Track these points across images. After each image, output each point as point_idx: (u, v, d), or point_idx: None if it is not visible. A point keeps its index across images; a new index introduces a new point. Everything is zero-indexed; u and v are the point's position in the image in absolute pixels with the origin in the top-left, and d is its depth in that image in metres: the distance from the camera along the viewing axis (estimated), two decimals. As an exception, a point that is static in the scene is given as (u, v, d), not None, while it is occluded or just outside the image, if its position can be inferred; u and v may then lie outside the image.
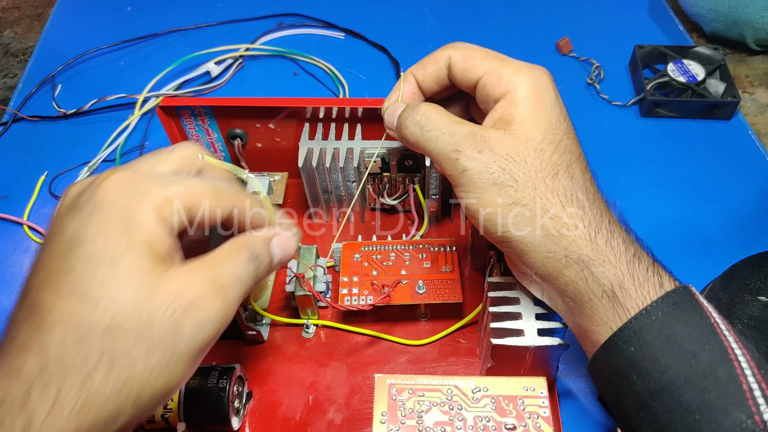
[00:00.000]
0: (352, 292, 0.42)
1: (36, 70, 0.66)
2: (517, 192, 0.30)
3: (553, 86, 0.33)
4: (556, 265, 0.30)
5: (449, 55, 0.34)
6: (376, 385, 0.35)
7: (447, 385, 0.35)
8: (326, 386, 0.41)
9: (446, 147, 0.31)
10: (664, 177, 0.54)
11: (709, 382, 0.26)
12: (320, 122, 0.46)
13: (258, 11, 0.71)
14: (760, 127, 0.61)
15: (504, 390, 0.35)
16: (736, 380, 0.26)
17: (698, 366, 0.26)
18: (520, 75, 0.32)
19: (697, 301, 0.28)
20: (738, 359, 0.26)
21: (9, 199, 0.54)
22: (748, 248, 0.44)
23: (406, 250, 0.44)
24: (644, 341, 0.28)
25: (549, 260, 0.30)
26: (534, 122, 0.31)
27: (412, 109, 0.33)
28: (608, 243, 0.30)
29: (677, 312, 0.28)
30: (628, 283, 0.29)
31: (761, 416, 0.25)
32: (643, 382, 0.27)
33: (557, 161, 0.30)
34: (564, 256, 0.30)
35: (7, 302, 0.47)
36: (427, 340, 0.42)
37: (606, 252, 0.29)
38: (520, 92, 0.31)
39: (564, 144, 0.31)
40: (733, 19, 0.66)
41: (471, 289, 0.45)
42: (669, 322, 0.27)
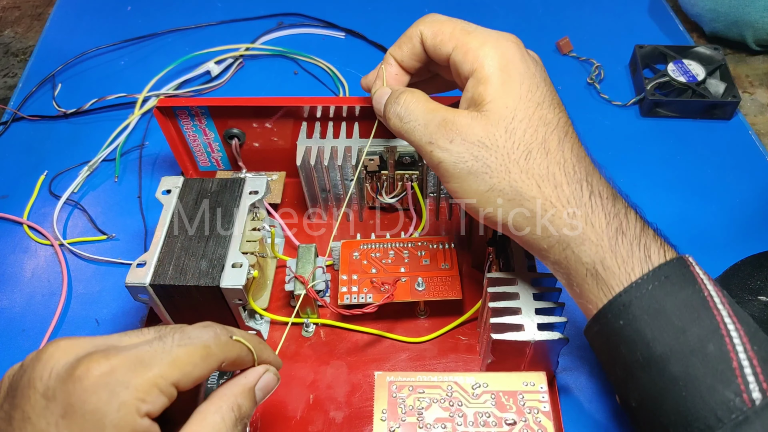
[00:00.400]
0: (351, 290, 0.42)
1: (36, 70, 0.66)
2: (492, 178, 0.30)
3: (522, 54, 0.31)
4: (540, 244, 0.30)
5: (420, 32, 0.34)
6: (376, 383, 0.35)
7: (447, 381, 0.35)
8: (327, 385, 0.41)
9: (422, 139, 0.31)
10: (664, 177, 0.54)
11: (697, 359, 0.26)
12: (318, 121, 0.46)
13: (258, 11, 0.71)
14: (760, 127, 0.61)
15: (504, 385, 0.35)
16: (726, 357, 0.25)
17: (686, 341, 0.26)
18: (486, 48, 0.31)
19: (691, 273, 0.28)
20: (730, 334, 0.26)
21: (9, 198, 0.54)
22: (748, 248, 0.44)
23: (404, 248, 0.44)
24: (633, 315, 0.27)
25: (534, 241, 0.30)
26: (503, 99, 0.30)
27: (394, 100, 0.33)
28: (588, 220, 0.29)
29: (668, 285, 0.27)
30: (610, 261, 0.28)
31: (750, 394, 0.25)
32: (631, 354, 0.28)
33: (530, 138, 0.30)
34: (546, 237, 0.30)
35: (7, 302, 0.47)
36: (427, 337, 0.42)
37: (586, 230, 0.29)
38: (487, 68, 0.31)
39: (538, 116, 0.30)
40: (733, 19, 0.66)
41: (470, 286, 0.45)
42: (658, 295, 0.27)
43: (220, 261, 0.38)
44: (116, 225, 0.52)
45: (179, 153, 0.51)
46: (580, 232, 0.29)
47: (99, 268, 0.49)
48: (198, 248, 0.39)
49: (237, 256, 0.38)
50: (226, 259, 0.38)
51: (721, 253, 0.47)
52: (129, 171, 0.56)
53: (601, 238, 0.29)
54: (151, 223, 0.51)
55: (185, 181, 0.42)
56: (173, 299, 0.39)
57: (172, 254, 0.38)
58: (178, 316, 0.40)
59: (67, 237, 0.51)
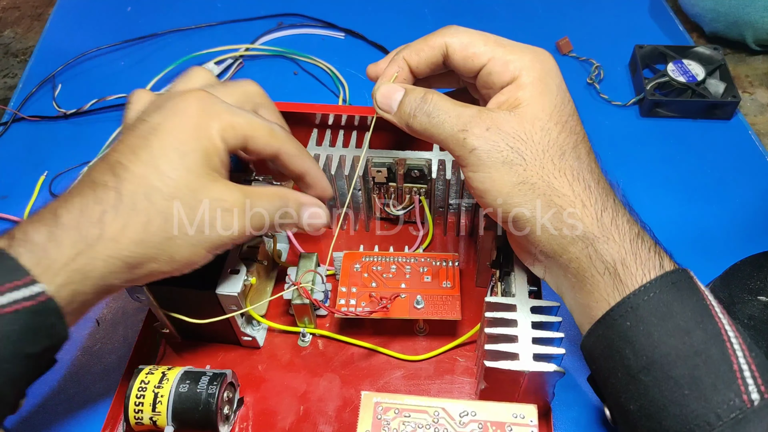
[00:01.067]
0: (349, 303, 0.41)
1: (36, 70, 0.66)
2: (526, 171, 0.30)
3: (557, 69, 0.33)
4: (561, 242, 0.31)
5: (446, 43, 0.34)
6: (362, 403, 0.34)
7: (434, 406, 0.34)
8: (318, 397, 0.40)
9: (453, 128, 0.31)
10: (664, 177, 0.54)
11: (701, 359, 0.27)
12: (329, 129, 0.46)
13: (258, 11, 0.71)
14: (760, 127, 0.61)
15: (493, 416, 0.34)
16: (728, 359, 0.27)
17: (691, 343, 0.27)
18: (525, 60, 0.32)
19: (694, 283, 0.29)
20: (731, 340, 0.27)
21: (9, 198, 0.54)
22: (748, 248, 0.44)
23: (407, 263, 0.43)
24: (640, 317, 0.28)
25: (555, 238, 0.31)
26: (540, 104, 0.31)
27: (420, 99, 0.33)
28: (613, 221, 0.30)
29: (675, 291, 0.28)
30: (630, 261, 0.29)
31: (749, 395, 0.26)
32: (635, 356, 0.28)
33: (564, 141, 0.31)
34: (570, 234, 0.30)
35: (7, 302, 0.47)
36: (424, 356, 0.42)
37: (611, 230, 0.30)
38: (525, 77, 0.32)
39: (570, 125, 0.32)
40: (733, 19, 0.66)
41: (472, 307, 0.44)
42: (666, 299, 0.28)
43: (218, 266, 0.38)
44: (116, 225, 0.52)
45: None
46: (605, 231, 0.30)
47: (99, 269, 0.49)
48: (198, 249, 0.38)
49: (235, 262, 0.38)
50: (225, 264, 0.38)
51: (721, 253, 0.47)
52: (129, 171, 0.56)
53: (624, 239, 0.30)
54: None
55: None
56: (170, 301, 0.38)
57: (171, 254, 0.38)
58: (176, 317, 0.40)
59: (67, 237, 0.51)
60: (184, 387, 0.36)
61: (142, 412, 0.36)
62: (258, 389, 0.41)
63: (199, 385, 0.36)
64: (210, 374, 0.37)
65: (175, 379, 0.37)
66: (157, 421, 0.36)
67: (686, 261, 0.47)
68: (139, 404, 0.36)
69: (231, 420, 0.39)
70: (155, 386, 0.36)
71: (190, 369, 0.38)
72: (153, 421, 0.36)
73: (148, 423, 0.36)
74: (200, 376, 0.37)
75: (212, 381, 0.37)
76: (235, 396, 0.39)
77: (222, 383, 0.37)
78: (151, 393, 0.36)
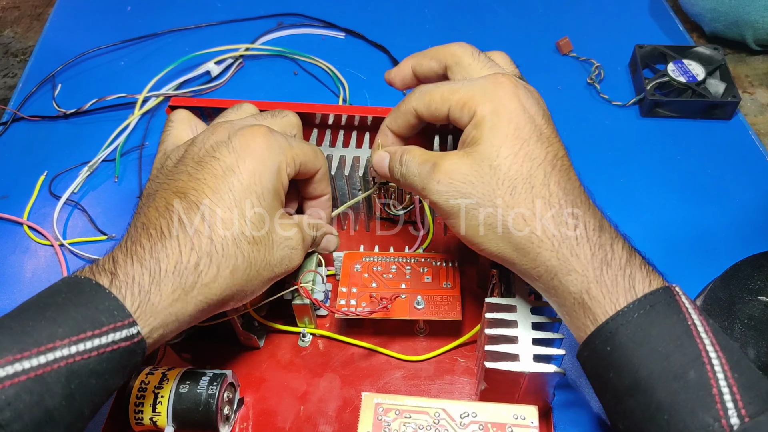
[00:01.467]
0: (350, 304, 0.41)
1: (36, 70, 0.66)
2: (480, 214, 0.32)
3: (514, 92, 0.33)
4: (531, 273, 0.32)
5: (414, 108, 0.36)
6: (363, 404, 0.34)
7: (435, 407, 0.34)
8: (318, 397, 0.40)
9: (419, 186, 0.34)
10: (664, 177, 0.54)
11: (679, 384, 0.27)
12: (329, 129, 0.46)
13: (258, 11, 0.71)
14: (760, 127, 0.61)
15: (493, 417, 0.34)
16: (707, 383, 0.26)
17: (669, 367, 0.27)
18: (477, 97, 0.33)
19: (676, 302, 0.29)
20: (711, 362, 0.27)
21: (9, 198, 0.54)
22: (748, 248, 0.44)
23: (407, 263, 0.43)
24: (619, 342, 0.28)
25: (526, 271, 0.32)
26: (490, 139, 0.32)
27: (396, 163, 0.36)
28: (573, 252, 0.30)
29: (653, 314, 0.28)
30: (596, 291, 0.30)
31: (728, 420, 0.25)
32: (619, 380, 0.28)
33: (515, 174, 0.31)
34: (535, 267, 0.31)
35: (7, 302, 0.47)
36: (424, 356, 0.42)
37: (572, 261, 0.30)
38: (479, 113, 0.33)
39: (524, 152, 0.32)
40: (733, 19, 0.66)
41: (472, 307, 0.44)
42: (644, 324, 0.28)
43: None
44: (116, 225, 0.52)
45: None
46: (565, 263, 0.30)
47: (99, 269, 0.49)
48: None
49: None
50: None
51: (721, 254, 0.47)
52: (129, 171, 0.56)
53: (586, 269, 0.30)
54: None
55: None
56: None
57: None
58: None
59: (67, 237, 0.51)
60: (184, 387, 0.36)
61: (142, 413, 0.36)
62: (258, 389, 0.41)
63: (199, 386, 0.36)
64: (210, 375, 0.37)
65: (175, 380, 0.37)
66: (157, 422, 0.36)
67: (686, 261, 0.48)
68: (139, 404, 0.36)
69: (231, 420, 0.39)
70: (155, 387, 0.36)
71: (191, 369, 0.38)
72: (153, 421, 0.36)
73: (148, 423, 0.36)
74: (200, 377, 0.37)
75: (212, 381, 0.37)
76: (236, 396, 0.39)
77: (222, 384, 0.37)
78: (151, 393, 0.36)
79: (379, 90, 0.63)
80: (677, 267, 0.47)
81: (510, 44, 0.68)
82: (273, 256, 0.33)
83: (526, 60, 0.66)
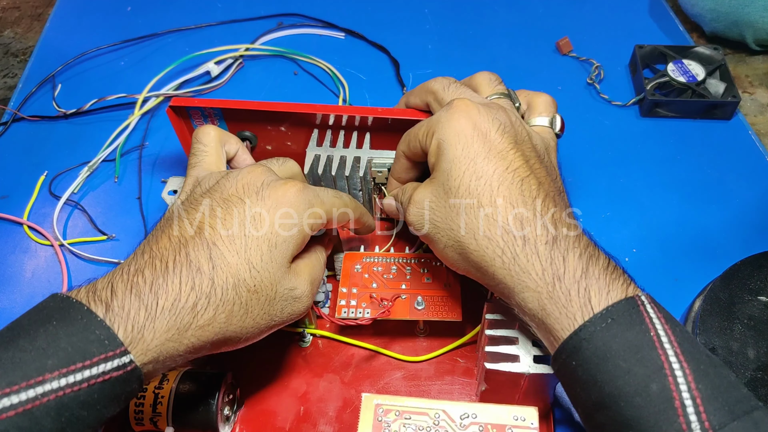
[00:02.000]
0: (350, 304, 0.41)
1: (36, 70, 0.66)
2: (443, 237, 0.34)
3: (465, 115, 0.34)
4: (497, 290, 0.33)
5: (402, 151, 0.39)
6: (363, 404, 0.34)
7: (435, 408, 0.34)
8: (318, 398, 0.40)
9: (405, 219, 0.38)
10: (664, 177, 0.54)
11: (642, 399, 0.26)
12: (330, 129, 0.46)
13: (258, 11, 0.71)
14: (760, 127, 0.61)
15: (493, 418, 0.34)
16: (669, 395, 0.26)
17: (632, 382, 0.26)
18: (434, 128, 0.35)
19: (639, 312, 0.28)
20: (674, 373, 0.26)
21: (9, 198, 0.54)
22: (748, 248, 0.44)
23: (408, 263, 0.43)
24: (583, 357, 0.28)
25: (492, 287, 0.33)
26: (442, 164, 0.34)
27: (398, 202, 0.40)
28: (523, 269, 0.30)
29: (614, 327, 0.28)
30: (551, 307, 0.29)
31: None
32: (586, 395, 0.28)
33: (464, 194, 0.32)
34: (495, 285, 0.32)
35: (7, 302, 0.47)
36: (424, 357, 0.42)
37: (523, 278, 0.30)
38: (434, 143, 0.35)
39: (471, 171, 0.32)
40: (733, 19, 0.66)
41: (473, 307, 0.43)
42: (605, 338, 0.27)
43: None
44: (116, 225, 0.52)
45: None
46: (518, 280, 0.30)
47: (99, 269, 0.49)
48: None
49: None
50: None
51: (721, 254, 0.47)
52: (129, 171, 0.56)
53: (538, 285, 0.30)
54: (151, 224, 0.51)
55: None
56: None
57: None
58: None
59: (67, 237, 0.51)
60: (184, 387, 0.36)
61: (143, 413, 0.36)
62: (258, 390, 0.41)
63: (198, 386, 0.36)
64: (210, 375, 0.37)
65: (175, 380, 0.37)
66: (157, 422, 0.36)
67: (686, 261, 0.48)
68: (139, 405, 0.36)
69: (231, 421, 0.39)
70: (155, 387, 0.36)
71: (191, 369, 0.38)
72: (153, 421, 0.36)
73: (148, 424, 0.36)
74: (200, 377, 0.37)
75: (212, 381, 0.37)
76: (236, 396, 0.39)
77: (222, 384, 0.37)
78: (151, 394, 0.36)
79: (379, 90, 0.63)
80: (677, 267, 0.47)
81: (510, 44, 0.68)
82: (273, 307, 0.33)
83: (526, 60, 0.66)
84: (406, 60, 0.65)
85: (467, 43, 0.68)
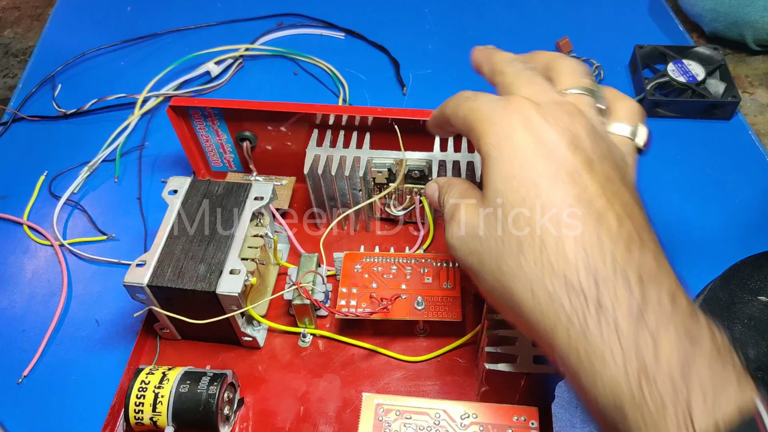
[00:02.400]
0: (350, 304, 0.41)
1: (36, 70, 0.66)
2: (489, 277, 0.27)
3: (523, 122, 0.26)
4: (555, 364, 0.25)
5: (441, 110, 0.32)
6: (363, 404, 0.35)
7: (435, 408, 0.34)
8: (318, 398, 0.40)
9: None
10: (663, 177, 0.54)
11: None
12: (329, 129, 0.46)
13: (258, 11, 0.71)
14: (760, 127, 0.61)
15: (494, 418, 0.34)
16: None
17: None
18: (482, 125, 0.28)
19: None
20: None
21: (9, 199, 0.54)
22: (748, 248, 0.44)
23: (408, 263, 0.43)
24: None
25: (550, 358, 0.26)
26: (494, 183, 0.27)
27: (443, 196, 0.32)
28: (596, 352, 0.22)
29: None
30: (634, 416, 0.21)
31: None
32: None
33: (521, 227, 0.25)
34: (553, 359, 0.25)
35: (7, 302, 0.47)
36: (424, 357, 0.42)
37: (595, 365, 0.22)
38: (483, 150, 0.28)
39: (532, 197, 0.25)
40: (733, 19, 0.66)
41: (474, 307, 0.44)
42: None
43: (218, 266, 0.38)
44: (116, 225, 0.52)
45: (191, 152, 0.51)
46: (587, 360, 0.22)
47: (99, 269, 0.49)
48: (198, 251, 0.39)
49: (236, 262, 0.38)
50: (225, 264, 0.38)
51: (721, 253, 0.47)
52: (129, 171, 0.56)
53: (615, 380, 0.22)
54: (151, 224, 0.51)
55: (192, 183, 0.42)
56: (170, 301, 0.38)
57: (172, 256, 0.38)
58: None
59: (67, 237, 0.51)
60: (184, 387, 0.36)
61: (143, 413, 0.36)
62: (258, 389, 0.41)
63: (199, 386, 0.36)
64: (210, 374, 0.37)
65: (175, 380, 0.37)
66: (157, 422, 0.36)
67: (686, 261, 0.48)
68: (139, 404, 0.36)
69: (231, 420, 0.39)
70: (155, 386, 0.36)
71: (191, 369, 0.38)
72: (153, 421, 0.36)
73: (148, 423, 0.36)
74: (200, 377, 0.37)
75: (213, 381, 0.37)
76: (236, 396, 0.39)
77: (222, 383, 0.37)
78: (151, 393, 0.36)
79: (379, 90, 0.63)
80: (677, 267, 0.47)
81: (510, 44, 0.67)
82: None
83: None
84: (406, 60, 0.65)
85: (467, 43, 0.68)
